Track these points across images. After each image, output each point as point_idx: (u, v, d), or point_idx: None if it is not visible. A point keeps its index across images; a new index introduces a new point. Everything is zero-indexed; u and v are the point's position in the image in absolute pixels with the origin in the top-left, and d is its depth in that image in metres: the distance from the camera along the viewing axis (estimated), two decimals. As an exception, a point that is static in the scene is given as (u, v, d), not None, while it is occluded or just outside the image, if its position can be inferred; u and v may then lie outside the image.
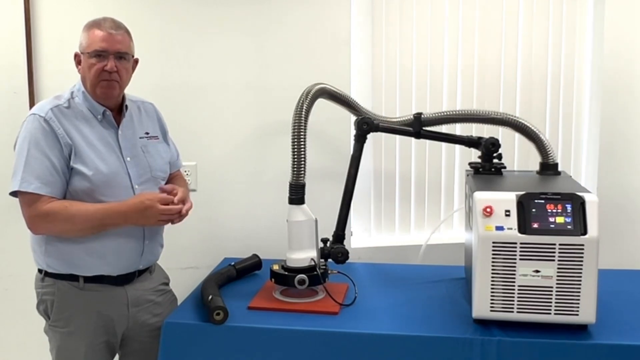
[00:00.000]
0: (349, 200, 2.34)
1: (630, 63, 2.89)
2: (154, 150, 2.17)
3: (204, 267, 2.47)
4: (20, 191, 1.94)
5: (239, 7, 2.75)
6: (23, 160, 1.93)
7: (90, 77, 2.01)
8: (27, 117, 2.01)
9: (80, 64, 2.05)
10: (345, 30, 2.79)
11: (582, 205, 1.84)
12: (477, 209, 1.87)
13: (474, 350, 1.87)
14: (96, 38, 2.00)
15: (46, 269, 2.03)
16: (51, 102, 2.03)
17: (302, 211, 2.18)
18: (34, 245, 2.07)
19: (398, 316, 2.06)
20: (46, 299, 2.04)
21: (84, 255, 1.99)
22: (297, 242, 2.18)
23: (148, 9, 2.72)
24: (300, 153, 2.17)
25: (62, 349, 2.05)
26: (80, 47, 2.04)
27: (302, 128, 2.19)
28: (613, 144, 2.92)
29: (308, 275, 2.12)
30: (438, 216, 2.99)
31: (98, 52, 1.99)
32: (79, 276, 2.01)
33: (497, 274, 1.85)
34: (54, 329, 2.05)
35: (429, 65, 2.90)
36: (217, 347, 1.98)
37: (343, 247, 2.26)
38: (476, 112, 2.45)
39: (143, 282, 2.14)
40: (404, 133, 2.49)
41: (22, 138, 1.97)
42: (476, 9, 2.89)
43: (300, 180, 2.18)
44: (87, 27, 2.04)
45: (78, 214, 1.93)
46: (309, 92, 2.27)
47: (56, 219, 1.93)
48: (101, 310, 2.04)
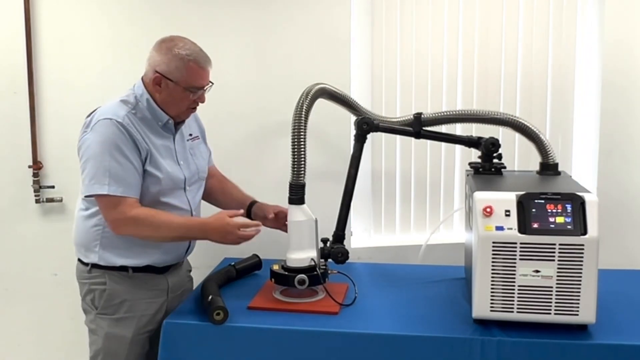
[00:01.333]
0: (349, 201, 2.34)
1: (630, 63, 2.89)
2: (198, 152, 2.27)
3: (204, 267, 2.47)
4: (105, 194, 1.97)
5: (239, 8, 2.75)
6: (105, 164, 1.97)
7: (180, 106, 2.10)
8: (96, 120, 2.01)
9: (160, 85, 2.06)
10: (345, 30, 2.79)
11: (582, 205, 1.84)
12: (477, 209, 1.87)
13: (474, 350, 1.87)
14: (196, 76, 2.05)
15: (97, 261, 2.08)
16: (121, 106, 2.05)
17: (302, 211, 2.18)
18: (82, 239, 2.12)
19: (398, 316, 2.06)
20: (94, 288, 2.11)
21: (139, 248, 2.08)
22: (297, 242, 2.18)
23: (148, 9, 2.72)
24: (300, 153, 2.17)
25: (110, 335, 2.11)
26: (170, 74, 2.04)
27: (302, 128, 2.19)
28: (613, 144, 2.92)
29: (308, 275, 2.12)
30: (438, 216, 2.99)
31: (197, 88, 2.05)
32: (129, 267, 2.09)
33: (497, 274, 1.85)
34: (102, 317, 2.11)
35: (429, 65, 2.90)
36: (217, 347, 1.98)
37: (343, 247, 2.26)
38: (476, 112, 2.45)
39: (179, 269, 2.28)
40: (404, 133, 2.49)
41: (97, 142, 1.98)
42: (476, 9, 2.89)
43: (300, 180, 2.18)
44: (180, 58, 2.03)
45: (164, 224, 2.04)
46: (309, 92, 2.27)
47: (143, 225, 2.01)
48: (146, 297, 2.13)
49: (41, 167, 2.74)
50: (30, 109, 2.70)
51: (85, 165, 2.02)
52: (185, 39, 2.08)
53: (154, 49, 2.08)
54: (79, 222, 2.14)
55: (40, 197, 2.76)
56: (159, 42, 2.08)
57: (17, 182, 2.76)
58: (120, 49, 2.73)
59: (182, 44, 2.05)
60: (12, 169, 2.75)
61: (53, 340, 2.90)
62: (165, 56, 2.03)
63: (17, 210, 2.80)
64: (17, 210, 2.80)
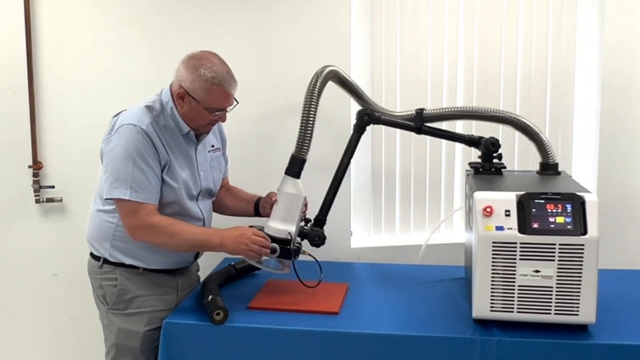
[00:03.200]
0: (336, 188, 2.35)
1: (630, 63, 2.89)
2: (217, 164, 2.29)
3: (204, 267, 2.47)
4: (126, 199, 1.99)
5: (239, 7, 2.75)
6: (129, 170, 1.98)
7: (201, 122, 2.11)
8: (121, 124, 2.01)
9: (183, 99, 2.07)
10: (345, 30, 2.79)
11: (582, 205, 1.84)
12: (477, 209, 1.87)
13: (474, 350, 1.87)
14: (219, 99, 2.07)
15: (109, 258, 2.11)
16: (146, 113, 2.06)
17: (295, 185, 2.19)
18: (95, 234, 2.14)
19: (398, 316, 2.06)
20: (105, 284, 2.13)
21: (147, 253, 2.11)
22: (280, 213, 2.18)
23: (148, 9, 2.72)
24: (307, 128, 2.19)
25: (123, 330, 2.12)
26: (193, 92, 2.05)
27: (313, 105, 2.22)
28: (613, 144, 2.92)
29: (281, 248, 2.12)
30: (438, 216, 2.99)
31: (218, 110, 2.08)
32: (139, 266, 2.13)
33: (497, 274, 1.85)
34: (114, 313, 2.13)
35: (429, 64, 2.90)
36: (217, 347, 1.98)
37: (321, 232, 2.26)
38: (477, 110, 2.44)
39: (189, 269, 2.31)
40: (405, 127, 2.48)
41: (122, 147, 1.99)
42: (476, 8, 2.89)
43: (302, 155, 2.20)
44: (204, 79, 2.03)
45: (181, 233, 2.05)
46: (321, 73, 2.29)
47: (161, 233, 2.03)
48: (157, 293, 2.15)
49: (41, 167, 2.74)
50: (30, 109, 2.70)
51: (107, 168, 2.02)
52: (215, 58, 2.08)
53: (182, 63, 2.08)
54: (93, 217, 2.17)
55: (40, 197, 2.76)
56: (189, 57, 2.08)
57: (17, 182, 2.76)
58: (120, 49, 2.73)
59: (210, 64, 2.05)
60: (12, 169, 2.75)
61: (53, 340, 2.90)
62: (192, 74, 2.04)
63: (17, 210, 2.80)
64: (17, 210, 2.80)
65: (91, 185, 2.21)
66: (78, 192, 2.77)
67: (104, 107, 2.73)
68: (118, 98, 2.72)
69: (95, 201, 2.16)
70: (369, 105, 2.54)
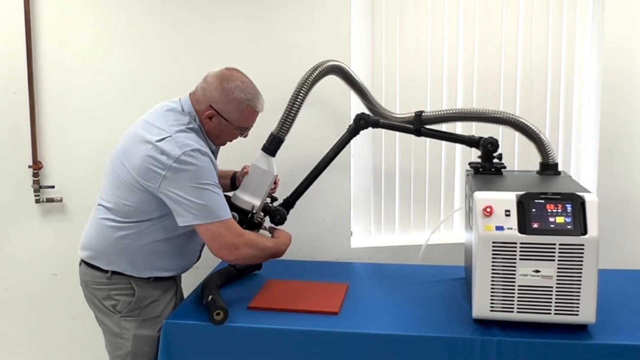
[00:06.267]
0: (314, 177, 2.40)
1: (630, 63, 2.89)
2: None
3: (204, 267, 2.46)
4: (228, 218, 2.01)
5: (239, 7, 2.75)
6: (217, 191, 1.99)
7: (227, 139, 2.18)
8: (184, 151, 1.93)
9: (211, 119, 2.07)
10: (345, 30, 2.79)
11: (582, 205, 1.84)
12: (477, 209, 1.87)
13: (474, 350, 1.87)
14: (250, 119, 2.13)
15: (122, 271, 2.08)
16: (197, 137, 2.03)
17: (269, 162, 2.24)
18: (105, 248, 2.08)
19: (398, 316, 2.06)
20: (116, 294, 2.11)
21: (165, 262, 2.12)
22: (249, 185, 2.22)
23: (149, 9, 2.72)
24: (292, 111, 2.30)
25: (138, 336, 2.12)
26: (225, 113, 2.07)
27: (303, 91, 2.32)
28: (613, 144, 2.93)
29: (241, 218, 2.15)
30: (438, 216, 2.99)
31: (247, 129, 2.15)
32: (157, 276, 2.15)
33: (497, 274, 1.85)
34: (128, 320, 2.11)
35: (429, 65, 2.91)
36: (217, 347, 1.98)
37: (283, 212, 2.34)
38: (477, 111, 2.44)
39: None
40: (404, 130, 2.49)
41: (203, 171, 1.96)
42: (476, 9, 2.89)
43: (281, 135, 2.27)
44: (239, 102, 2.06)
45: (263, 245, 2.11)
46: (322, 64, 2.38)
47: (255, 247, 2.08)
48: (164, 299, 2.16)
49: (41, 167, 2.74)
50: (30, 109, 2.70)
51: (198, 194, 1.95)
52: (244, 77, 2.11)
53: (212, 84, 2.07)
54: (102, 231, 2.07)
55: (40, 197, 2.76)
56: (219, 78, 2.07)
57: (17, 182, 2.76)
58: (120, 49, 2.73)
59: (242, 84, 2.07)
60: (12, 169, 2.75)
61: (53, 340, 2.90)
62: (226, 97, 2.05)
63: (17, 210, 2.80)
64: (17, 210, 2.80)
65: (91, 185, 2.21)
66: (78, 192, 2.77)
67: (104, 108, 2.75)
68: (118, 98, 2.73)
69: (100, 212, 2.08)
70: (370, 103, 2.56)
